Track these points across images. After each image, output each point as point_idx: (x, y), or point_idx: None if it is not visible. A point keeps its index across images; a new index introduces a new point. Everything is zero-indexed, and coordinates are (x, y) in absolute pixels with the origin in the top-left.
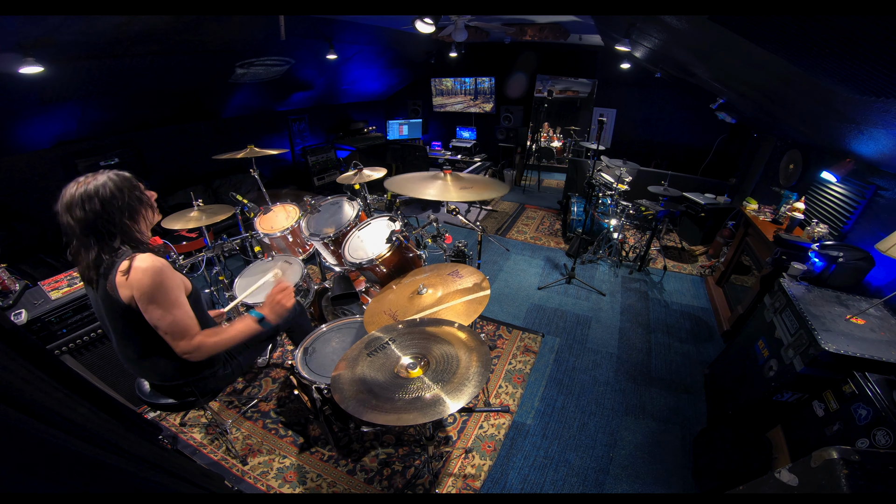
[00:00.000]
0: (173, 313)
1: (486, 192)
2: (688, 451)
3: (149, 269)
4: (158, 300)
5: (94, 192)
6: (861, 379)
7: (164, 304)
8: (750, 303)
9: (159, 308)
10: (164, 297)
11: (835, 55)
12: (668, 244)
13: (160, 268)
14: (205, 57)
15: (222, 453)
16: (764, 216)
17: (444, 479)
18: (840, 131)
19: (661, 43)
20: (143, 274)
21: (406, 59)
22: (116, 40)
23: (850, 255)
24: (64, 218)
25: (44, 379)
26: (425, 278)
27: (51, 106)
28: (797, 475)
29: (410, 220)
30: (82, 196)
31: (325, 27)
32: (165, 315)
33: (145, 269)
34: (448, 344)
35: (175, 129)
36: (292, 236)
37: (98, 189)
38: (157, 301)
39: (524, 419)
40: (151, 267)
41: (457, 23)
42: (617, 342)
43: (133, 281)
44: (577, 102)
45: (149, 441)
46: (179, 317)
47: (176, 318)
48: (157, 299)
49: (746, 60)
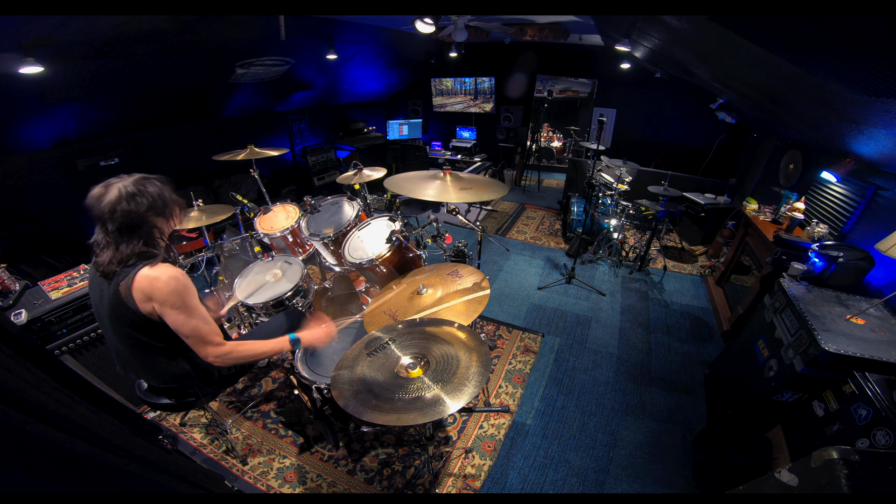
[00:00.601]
0: (195, 321)
1: (485, 192)
2: (688, 451)
3: (171, 278)
4: (180, 306)
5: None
6: (861, 379)
7: (186, 309)
8: (750, 303)
9: (182, 313)
10: (186, 302)
11: (835, 55)
12: (668, 244)
13: (180, 275)
14: (205, 57)
15: (222, 453)
16: (764, 216)
17: (444, 479)
18: (840, 131)
19: (661, 43)
20: (167, 282)
21: (406, 59)
22: (116, 40)
23: (850, 255)
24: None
25: (44, 379)
26: (425, 278)
27: (51, 106)
28: (797, 475)
29: (410, 220)
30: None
31: (325, 27)
32: (188, 320)
33: (168, 278)
34: (448, 344)
35: (175, 129)
36: (292, 236)
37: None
38: (179, 307)
39: (524, 419)
40: (172, 275)
41: (457, 23)
42: (617, 342)
43: (151, 287)
44: (577, 102)
45: (149, 441)
46: (200, 325)
47: (198, 325)
48: (179, 305)
49: (746, 60)
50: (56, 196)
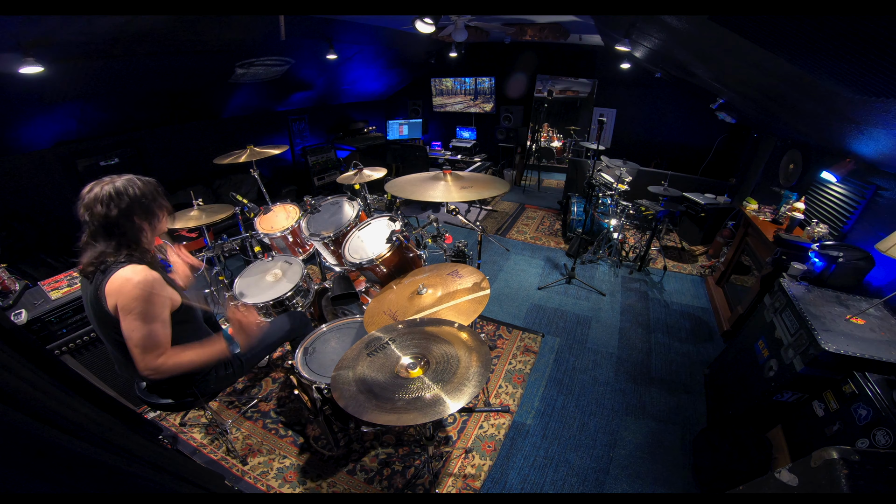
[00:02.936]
0: (151, 326)
1: (486, 190)
2: (688, 451)
3: (140, 283)
4: (140, 312)
5: (123, 190)
6: (861, 379)
7: (145, 317)
8: (750, 303)
9: (138, 320)
10: (147, 310)
11: (835, 55)
12: (668, 244)
13: (151, 281)
14: (205, 57)
15: (222, 453)
16: (764, 216)
17: (444, 479)
18: (840, 131)
19: (661, 43)
20: (134, 287)
21: (406, 59)
22: (116, 40)
23: (850, 255)
24: (85, 212)
25: (44, 379)
26: (425, 278)
27: (51, 106)
28: (797, 475)
29: (410, 220)
30: (110, 193)
31: (325, 27)
32: (143, 327)
33: (137, 283)
34: (448, 344)
35: (175, 128)
36: (292, 236)
37: (127, 187)
38: (138, 313)
39: (524, 419)
40: (143, 280)
41: (457, 23)
42: (617, 342)
43: (119, 289)
44: (577, 102)
45: (149, 441)
46: (157, 331)
47: (153, 331)
48: (139, 311)
49: (746, 60)
50: (56, 196)
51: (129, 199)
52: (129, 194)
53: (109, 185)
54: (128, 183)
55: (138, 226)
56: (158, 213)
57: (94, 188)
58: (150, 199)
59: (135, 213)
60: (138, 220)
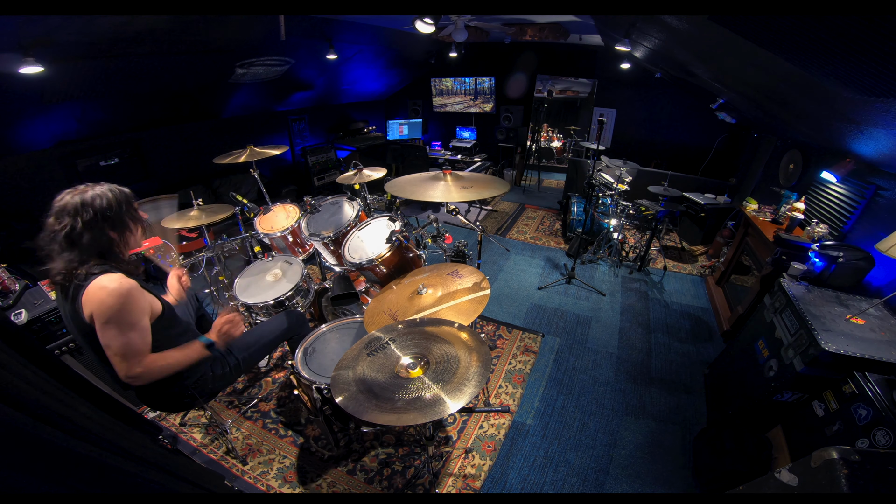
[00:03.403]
0: (129, 335)
1: (486, 190)
2: (688, 451)
3: (114, 291)
4: (116, 321)
5: (90, 202)
6: (861, 379)
7: (122, 325)
8: (750, 303)
9: (114, 328)
10: (123, 319)
11: (835, 55)
12: (668, 244)
13: (127, 290)
14: (205, 57)
15: (222, 453)
16: (764, 216)
17: (444, 479)
18: (840, 131)
19: (661, 43)
20: (109, 295)
21: (406, 59)
22: (116, 40)
23: (850, 255)
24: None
25: (44, 379)
26: (425, 278)
27: (51, 106)
28: (797, 475)
29: (410, 220)
30: (76, 205)
31: (325, 27)
32: (120, 336)
33: (111, 291)
34: (448, 344)
35: (175, 128)
36: (292, 236)
37: (94, 199)
38: (115, 322)
39: (524, 419)
40: (118, 289)
41: (457, 23)
42: (617, 342)
43: (94, 299)
44: (577, 102)
45: (149, 441)
46: (135, 339)
47: (131, 340)
48: (115, 320)
49: (746, 60)
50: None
51: (94, 210)
52: (95, 206)
53: (79, 195)
54: (98, 195)
55: (107, 237)
56: (130, 224)
57: (65, 197)
58: (120, 211)
59: (102, 225)
60: (108, 232)
